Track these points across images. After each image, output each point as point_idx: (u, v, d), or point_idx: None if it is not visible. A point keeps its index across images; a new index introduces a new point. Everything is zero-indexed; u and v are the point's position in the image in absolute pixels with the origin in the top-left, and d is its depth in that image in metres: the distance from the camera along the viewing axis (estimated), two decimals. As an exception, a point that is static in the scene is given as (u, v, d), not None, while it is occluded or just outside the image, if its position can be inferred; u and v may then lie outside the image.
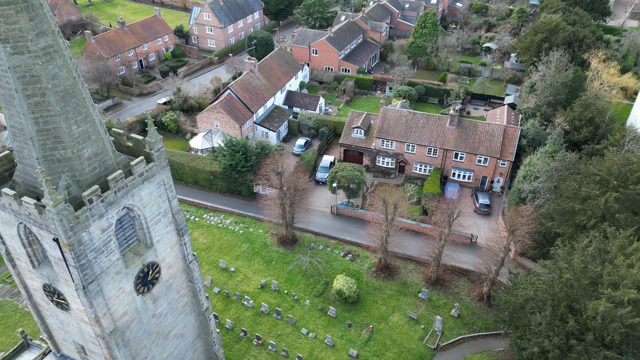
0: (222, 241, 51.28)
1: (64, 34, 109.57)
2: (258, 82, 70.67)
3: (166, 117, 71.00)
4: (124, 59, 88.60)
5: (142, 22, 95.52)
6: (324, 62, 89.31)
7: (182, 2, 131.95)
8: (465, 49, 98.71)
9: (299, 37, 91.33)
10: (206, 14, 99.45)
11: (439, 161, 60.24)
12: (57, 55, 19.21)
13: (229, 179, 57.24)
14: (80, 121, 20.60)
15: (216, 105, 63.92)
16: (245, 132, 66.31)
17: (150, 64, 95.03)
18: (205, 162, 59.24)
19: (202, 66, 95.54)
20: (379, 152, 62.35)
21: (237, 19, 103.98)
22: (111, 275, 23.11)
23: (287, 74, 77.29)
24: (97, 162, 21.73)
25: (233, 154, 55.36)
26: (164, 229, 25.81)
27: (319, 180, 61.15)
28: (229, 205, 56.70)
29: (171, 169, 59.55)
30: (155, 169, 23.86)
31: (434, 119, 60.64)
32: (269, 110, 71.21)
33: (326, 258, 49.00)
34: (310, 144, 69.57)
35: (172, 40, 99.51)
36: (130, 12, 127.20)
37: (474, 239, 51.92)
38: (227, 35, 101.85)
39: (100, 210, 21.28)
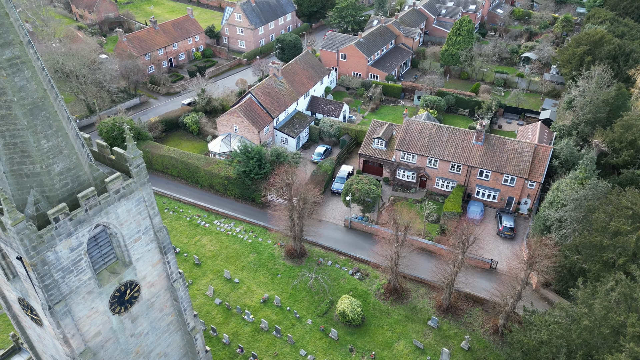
0: (229, 250, 50.18)
1: (101, 30, 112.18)
2: (281, 87, 69.38)
3: (188, 118, 70.82)
4: (154, 57, 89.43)
5: (174, 21, 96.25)
6: (352, 67, 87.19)
7: (217, 2, 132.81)
8: (502, 58, 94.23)
9: (328, 41, 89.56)
10: (237, 14, 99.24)
11: (463, 178, 57.07)
12: (24, 67, 18.19)
13: (242, 185, 56.20)
14: (50, 135, 19.55)
15: (236, 109, 63.06)
16: (265, 137, 65.16)
17: (179, 63, 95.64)
18: (220, 167, 58.42)
19: (231, 67, 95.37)
20: (400, 165, 59.76)
21: (269, 21, 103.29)
22: (82, 295, 22.06)
23: (312, 79, 75.67)
24: (69, 178, 20.66)
25: (247, 160, 54.22)
26: (144, 247, 24.61)
27: (335, 191, 59.19)
28: (241, 212, 55.62)
29: (187, 172, 59.40)
30: (134, 186, 22.65)
31: (459, 134, 57.51)
32: (290, 116, 69.81)
33: (334, 275, 47.01)
34: (330, 152, 67.70)
35: (203, 40, 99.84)
36: (167, 10, 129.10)
37: (493, 264, 48.69)
38: (257, 37, 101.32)
39: (68, 229, 20.20)
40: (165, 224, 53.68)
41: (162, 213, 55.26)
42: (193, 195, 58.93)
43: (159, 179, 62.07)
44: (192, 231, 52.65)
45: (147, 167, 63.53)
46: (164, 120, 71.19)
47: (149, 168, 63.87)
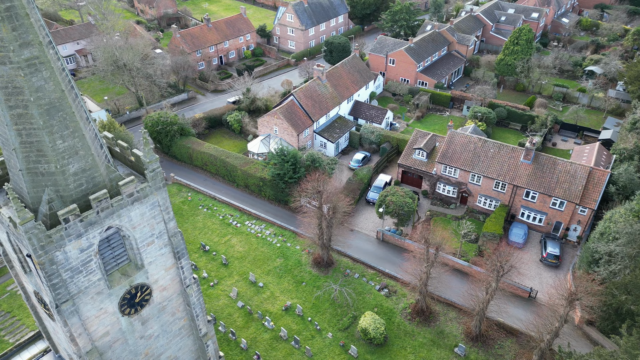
0: (257, 252, 49.85)
1: (159, 25, 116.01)
2: (324, 90, 68.46)
3: (231, 116, 71.43)
4: (205, 54, 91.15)
5: (227, 19, 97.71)
6: (400, 73, 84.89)
7: (272, 1, 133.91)
8: (563, 71, 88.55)
9: (378, 45, 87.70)
10: (289, 15, 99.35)
11: (507, 198, 53.74)
12: (43, 67, 18.22)
13: (276, 187, 55.78)
14: (66, 136, 19.55)
15: (277, 110, 62.79)
16: (303, 140, 64.50)
17: (229, 61, 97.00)
18: (256, 167, 58.33)
19: (279, 67, 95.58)
20: (440, 178, 57.19)
21: (320, 22, 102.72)
22: (90, 295, 22.07)
23: (357, 84, 74.21)
24: (84, 179, 20.65)
25: (282, 163, 53.70)
26: (157, 251, 24.38)
27: (370, 201, 57.52)
28: (273, 214, 55.20)
29: (224, 170, 59.74)
30: (148, 190, 22.40)
31: (507, 150, 54.20)
32: (331, 120, 68.76)
33: (360, 289, 45.50)
34: (369, 159, 66.02)
35: (254, 39, 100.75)
36: (223, 8, 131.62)
37: (532, 293, 45.39)
38: (308, 38, 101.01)
39: (78, 230, 20.18)
40: (198, 221, 54.22)
41: (196, 210, 55.88)
42: (228, 194, 59.20)
43: (197, 175, 62.90)
44: (223, 230, 52.81)
45: (188, 162, 64.69)
46: (208, 117, 72.19)
47: (189, 163, 64.94)
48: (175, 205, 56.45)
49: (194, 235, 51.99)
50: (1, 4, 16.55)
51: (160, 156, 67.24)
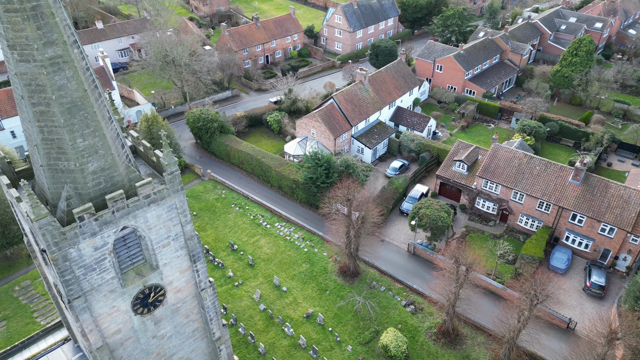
0: (284, 255, 49.47)
1: (211, 22, 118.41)
2: (365, 95, 67.21)
3: (271, 116, 71.60)
4: (251, 53, 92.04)
5: (276, 19, 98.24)
6: (447, 80, 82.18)
7: (323, 2, 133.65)
8: (625, 86, 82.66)
9: (426, 51, 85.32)
10: (338, 16, 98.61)
11: (551, 219, 50.54)
12: (66, 66, 18.34)
13: (308, 191, 55.22)
14: (87, 135, 19.67)
15: (315, 113, 62.21)
16: (340, 144, 63.57)
17: (275, 60, 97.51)
18: (290, 170, 58.01)
19: (324, 69, 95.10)
20: (480, 193, 54.63)
21: (369, 24, 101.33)
22: (103, 293, 22.21)
23: (401, 89, 72.40)
24: (102, 178, 20.75)
25: (316, 167, 53.06)
26: (173, 253, 24.27)
27: (404, 211, 55.80)
28: (303, 218, 54.66)
29: (260, 170, 59.86)
30: (166, 192, 22.26)
31: (554, 168, 50.97)
32: (370, 125, 67.41)
33: (385, 302, 44.10)
34: (407, 168, 64.18)
35: (301, 39, 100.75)
36: (274, 7, 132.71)
37: (571, 324, 42.32)
38: (355, 40, 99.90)
39: (92, 229, 20.29)
40: (229, 219, 54.54)
41: (229, 208, 56.25)
42: (261, 194, 59.27)
43: (233, 173, 63.41)
44: (253, 230, 52.84)
45: (225, 159, 65.36)
46: (249, 116, 72.72)
47: (227, 161, 65.59)
48: (209, 202, 57.13)
49: (224, 234, 52.32)
50: (27, 3, 16.73)
51: (200, 152, 68.39)
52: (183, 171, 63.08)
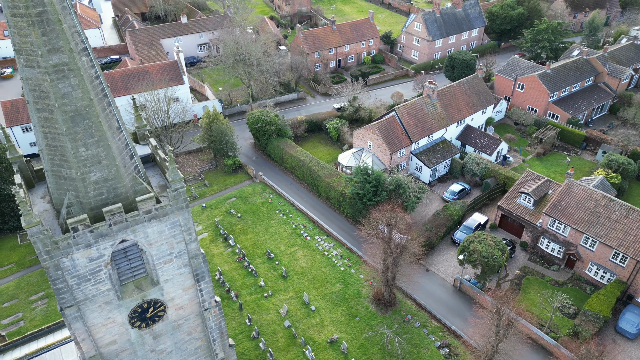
0: (318, 271, 47.59)
1: (291, 22, 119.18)
2: (431, 109, 63.22)
3: (330, 123, 69.94)
4: (323, 56, 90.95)
5: (352, 23, 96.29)
6: (528, 100, 75.33)
7: (407, 7, 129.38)
8: None
9: (508, 67, 78.88)
10: (417, 24, 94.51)
11: (626, 274, 43.89)
12: (71, 74, 17.81)
13: (354, 206, 52.81)
14: (90, 144, 19.12)
15: (374, 125, 59.48)
16: (397, 160, 60.31)
17: (347, 65, 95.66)
18: (340, 181, 55.94)
19: (396, 77, 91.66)
20: (546, 232, 48.94)
21: (450, 34, 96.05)
22: (98, 304, 21.75)
23: (472, 107, 67.33)
24: (105, 188, 20.17)
25: (364, 183, 50.52)
26: (175, 270, 23.34)
27: (456, 241, 51.52)
28: (346, 234, 52.38)
29: (310, 178, 58.49)
30: (168, 209, 21.28)
31: (638, 216, 44.14)
32: (433, 143, 63.32)
33: (417, 340, 40.66)
34: (468, 193, 59.41)
35: (377, 45, 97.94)
36: (356, 10, 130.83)
37: (634, 403, 36.18)
38: (433, 50, 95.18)
39: (87, 240, 19.76)
40: (271, 225, 53.70)
41: (273, 213, 55.45)
42: (308, 202, 57.83)
43: (285, 178, 62.62)
44: (292, 240, 51.54)
45: (279, 163, 64.76)
46: (309, 121, 71.62)
47: (280, 165, 64.97)
48: (255, 205, 56.73)
49: (264, 240, 51.53)
50: (32, 8, 16.29)
51: (257, 153, 68.45)
52: (236, 170, 63.40)
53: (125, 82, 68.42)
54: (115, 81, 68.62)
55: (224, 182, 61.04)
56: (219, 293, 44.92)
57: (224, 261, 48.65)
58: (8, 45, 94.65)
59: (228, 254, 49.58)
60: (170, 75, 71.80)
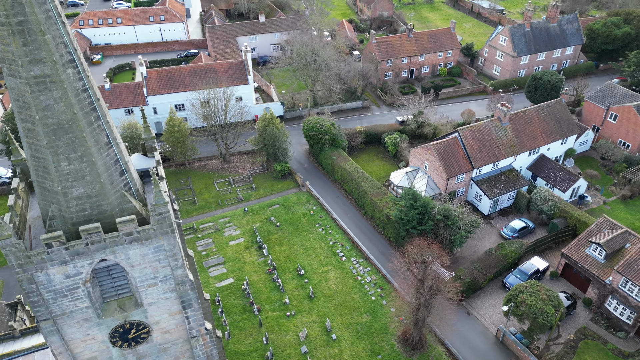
0: (348, 297, 44.82)
1: (370, 27, 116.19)
2: (501, 134, 57.48)
3: (389, 137, 66.45)
4: (395, 65, 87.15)
5: (431, 32, 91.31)
6: (620, 133, 66.30)
7: (498, 17, 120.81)
8: None
9: (601, 93, 70.02)
10: (503, 37, 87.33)
11: None
12: (54, 87, 16.98)
13: (397, 231, 49.25)
14: (73, 159, 18.26)
15: (432, 145, 55.19)
16: (454, 186, 55.55)
17: (420, 75, 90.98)
18: (386, 202, 52.57)
19: (471, 92, 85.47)
20: (615, 292, 42.16)
21: (539, 51, 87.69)
22: (76, 319, 21.08)
23: (550, 135, 60.36)
24: (88, 205, 19.28)
25: (409, 209, 46.80)
26: (160, 294, 22.10)
27: (507, 286, 46.11)
28: (385, 259, 48.82)
29: (357, 194, 55.87)
30: (152, 233, 19.97)
31: None
32: (498, 171, 57.55)
33: (441, 394, 36.62)
34: (531, 232, 53.22)
35: (456, 56, 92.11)
36: (442, 18, 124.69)
37: None
38: (517, 66, 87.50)
39: (62, 257, 19.01)
40: (308, 239, 51.74)
41: (312, 227, 53.47)
42: (351, 220, 55.10)
43: (332, 190, 60.38)
44: (326, 259, 49.21)
45: (329, 174, 62.62)
46: (368, 132, 68.65)
47: (330, 175, 62.78)
48: (296, 215, 55.11)
49: (297, 254, 49.73)
50: (13, 17, 15.55)
51: (310, 160, 66.86)
52: (285, 177, 62.25)
53: (193, 77, 69.98)
54: (183, 76, 70.47)
55: (270, 187, 60.14)
56: (242, 305, 43.85)
57: (254, 271, 47.55)
58: (98, 33, 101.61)
59: (259, 264, 48.43)
60: (236, 74, 72.37)
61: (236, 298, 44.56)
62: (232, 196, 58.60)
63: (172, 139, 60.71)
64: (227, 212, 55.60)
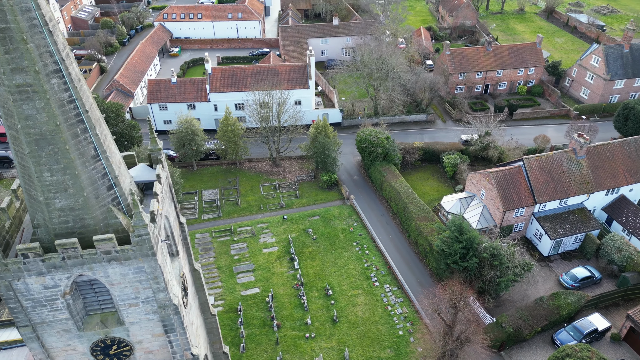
0: (373, 328, 41.93)
1: (449, 36, 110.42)
2: (574, 168, 51.16)
3: (448, 157, 62.01)
4: (469, 79, 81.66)
5: (513, 46, 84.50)
6: None
7: (596, 34, 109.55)
8: None
9: None
10: (596, 57, 78.55)
11: None
12: (36, 97, 16.37)
13: (439, 263, 45.41)
14: (56, 170, 17.66)
15: (491, 173, 50.36)
16: (511, 219, 50.36)
17: (496, 92, 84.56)
18: (432, 228, 48.80)
19: (551, 115, 77.90)
20: (691, 373, 35.42)
21: (638, 75, 77.86)
22: (56, 329, 20.68)
23: (635, 175, 52.79)
24: (70, 217, 18.67)
25: (452, 241, 42.84)
26: (142, 315, 21.14)
27: (557, 343, 40.68)
28: (422, 290, 45.19)
29: (402, 215, 52.80)
30: (131, 254, 18.95)
31: None
32: (566, 209, 51.33)
33: None
34: (596, 283, 46.82)
35: (539, 74, 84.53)
36: (531, 30, 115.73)
37: None
38: (609, 91, 78.35)
39: (39, 268, 18.54)
40: (343, 257, 49.40)
41: (349, 245, 51.03)
42: (393, 242, 51.94)
43: (378, 207, 57.44)
44: (358, 282, 46.59)
45: (378, 189, 59.73)
46: (427, 149, 64.65)
47: (378, 191, 59.79)
48: (334, 230, 52.97)
49: (328, 272, 47.60)
50: (-6, 24, 14.99)
51: (360, 172, 64.31)
52: (330, 187, 60.29)
53: (254, 78, 70.13)
54: (245, 76, 70.88)
55: (314, 197, 58.49)
56: (263, 318, 42.64)
57: (282, 283, 46.18)
58: (180, 26, 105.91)
59: (288, 277, 46.98)
60: (297, 77, 71.52)
61: (258, 310, 43.44)
62: (275, 201, 57.72)
63: (225, 138, 61.12)
64: (266, 218, 54.79)
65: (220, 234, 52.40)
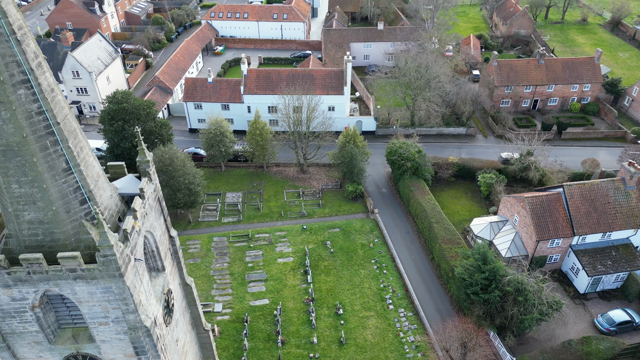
0: (381, 355, 39.66)
1: (501, 45, 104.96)
2: (621, 200, 46.50)
3: (484, 175, 58.36)
4: (516, 92, 76.93)
5: (568, 60, 78.80)
6: None
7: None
8: None
9: None
10: (661, 75, 71.68)
11: None
12: (2, 107, 15.79)
13: (460, 290, 42.45)
14: (23, 182, 17.08)
15: (526, 198, 46.61)
16: (545, 250, 46.45)
17: (545, 108, 79.21)
18: (456, 252, 45.82)
19: (606, 137, 71.97)
20: None
21: None
22: (27, 340, 20.25)
23: (694, 211, 47.24)
24: (40, 230, 18.07)
25: (475, 270, 39.80)
26: (113, 334, 20.33)
27: (583, 393, 36.85)
28: (439, 318, 42.45)
29: (427, 235, 50.31)
30: (97, 274, 18.09)
31: None
32: (608, 244, 46.76)
33: None
34: (636, 329, 42.18)
35: (595, 91, 78.37)
36: (592, 42, 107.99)
37: None
38: (674, 113, 71.29)
39: (5, 281, 18.08)
40: (359, 274, 47.36)
41: (367, 262, 48.89)
42: (414, 262, 49.31)
43: (403, 224, 54.84)
44: (371, 303, 44.42)
45: (405, 204, 57.16)
46: (462, 165, 61.24)
47: (405, 206, 57.12)
48: (354, 244, 50.98)
49: (342, 290, 45.73)
50: (-44, 32, 14.42)
51: (389, 185, 61.83)
52: (355, 199, 58.24)
53: (289, 81, 69.14)
54: (280, 79, 70.03)
55: (337, 208, 56.70)
56: (268, 331, 41.42)
57: (292, 296, 44.80)
58: (226, 25, 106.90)
59: (299, 290, 45.54)
60: (332, 83, 69.90)
61: (265, 322, 42.29)
62: (297, 209, 56.42)
63: (253, 141, 60.51)
64: (285, 226, 53.61)
65: (237, 239, 51.74)
